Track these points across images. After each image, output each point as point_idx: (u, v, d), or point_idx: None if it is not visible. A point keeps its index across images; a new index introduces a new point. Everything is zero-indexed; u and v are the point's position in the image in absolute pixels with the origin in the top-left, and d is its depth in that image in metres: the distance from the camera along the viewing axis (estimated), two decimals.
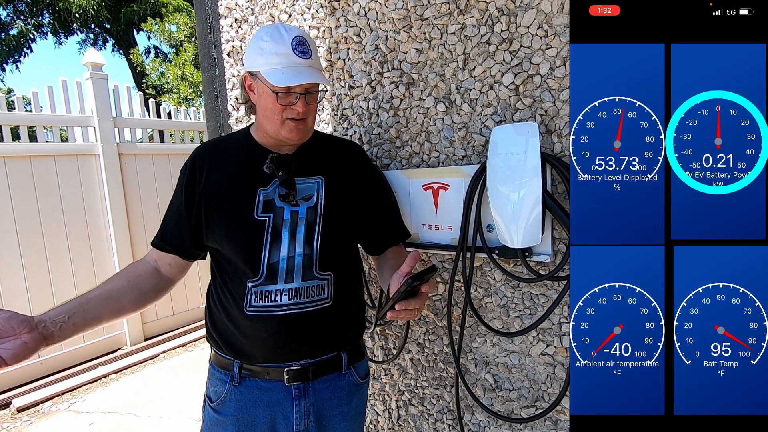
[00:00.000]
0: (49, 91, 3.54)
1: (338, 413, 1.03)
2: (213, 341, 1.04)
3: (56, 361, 3.48)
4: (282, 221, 0.96)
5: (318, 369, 0.99)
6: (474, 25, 1.11)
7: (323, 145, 1.08)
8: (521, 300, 1.15)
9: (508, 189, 1.01)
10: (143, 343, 3.93)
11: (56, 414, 2.98)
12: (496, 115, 1.12)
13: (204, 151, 1.04)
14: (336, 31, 1.40)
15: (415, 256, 0.84)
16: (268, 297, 0.95)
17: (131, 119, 4.00)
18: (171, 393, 3.12)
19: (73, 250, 3.59)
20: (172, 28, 8.38)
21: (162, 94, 8.41)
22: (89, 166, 3.70)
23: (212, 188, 0.99)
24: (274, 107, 0.94)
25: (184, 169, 1.04)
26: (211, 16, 1.81)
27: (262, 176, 0.98)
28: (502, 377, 1.22)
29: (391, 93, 1.31)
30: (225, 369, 1.00)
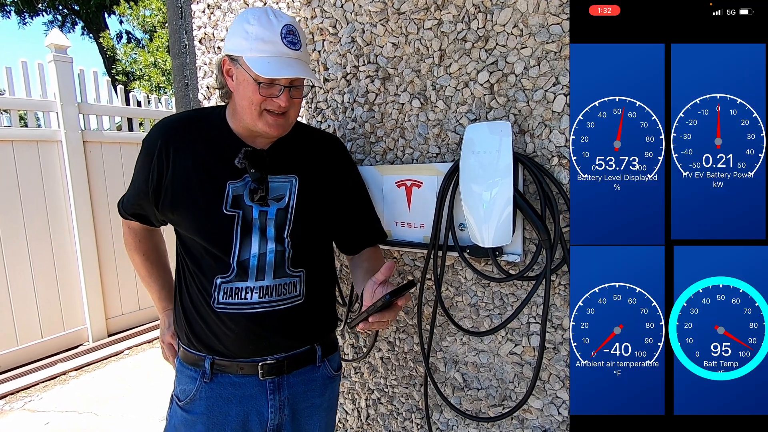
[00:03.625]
0: (8, 73, 3.34)
1: (312, 405, 1.01)
2: (182, 335, 0.99)
3: (11, 357, 3.31)
4: (251, 218, 0.92)
5: (293, 362, 0.97)
6: (451, 21, 1.10)
7: (301, 140, 1.03)
8: (491, 299, 1.15)
9: (481, 188, 1.00)
10: (106, 339, 3.78)
11: (9, 413, 2.83)
12: (470, 113, 1.11)
13: (173, 131, 0.96)
14: (312, 22, 1.36)
15: (391, 266, 0.83)
16: (237, 294, 0.91)
17: (97, 105, 3.83)
18: (134, 391, 3.01)
19: (31, 242, 3.41)
20: (146, 12, 8.08)
21: (133, 81, 8.10)
22: (51, 154, 3.52)
23: (180, 176, 0.93)
24: (253, 97, 0.87)
25: (152, 148, 0.95)
26: (182, 1, 1.73)
27: (233, 168, 0.92)
28: (471, 376, 1.22)
29: (367, 87, 1.28)
30: (195, 365, 0.96)
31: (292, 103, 0.90)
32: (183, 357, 1.00)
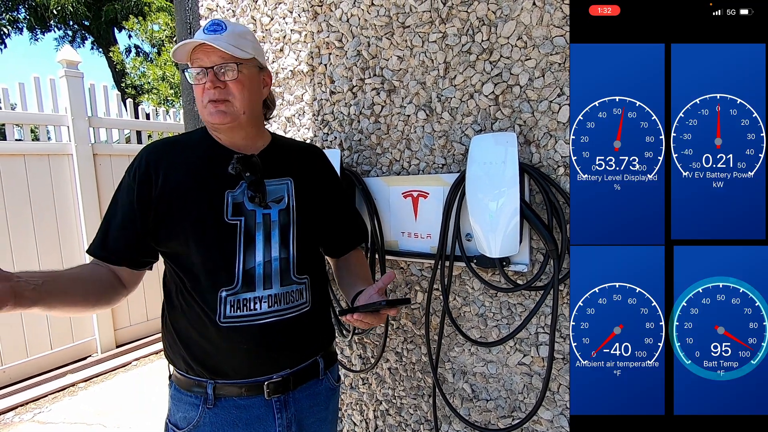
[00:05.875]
0: (21, 88, 3.41)
1: (318, 419, 1.00)
2: (178, 361, 0.95)
3: (20, 369, 3.32)
4: (254, 224, 0.92)
5: (298, 378, 0.96)
6: (455, 34, 1.12)
7: (286, 148, 1.05)
8: (499, 309, 1.15)
9: (487, 198, 1.01)
10: (115, 350, 3.80)
11: (19, 425, 2.84)
12: (476, 125, 1.12)
13: (157, 151, 0.95)
14: (318, 36, 1.38)
15: (391, 276, 0.87)
16: (245, 306, 0.90)
17: (107, 119, 3.89)
18: (142, 403, 3.01)
19: (42, 254, 3.45)
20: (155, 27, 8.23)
21: (142, 95, 8.23)
22: (62, 167, 3.57)
23: (173, 189, 0.91)
24: (195, 90, 0.92)
25: (133, 171, 0.93)
26: (191, 17, 1.77)
27: (228, 177, 0.92)
28: (480, 387, 1.22)
29: (372, 99, 1.30)
30: (194, 391, 0.92)
31: (227, 88, 0.90)
32: (180, 383, 0.95)
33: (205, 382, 0.92)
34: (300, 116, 1.51)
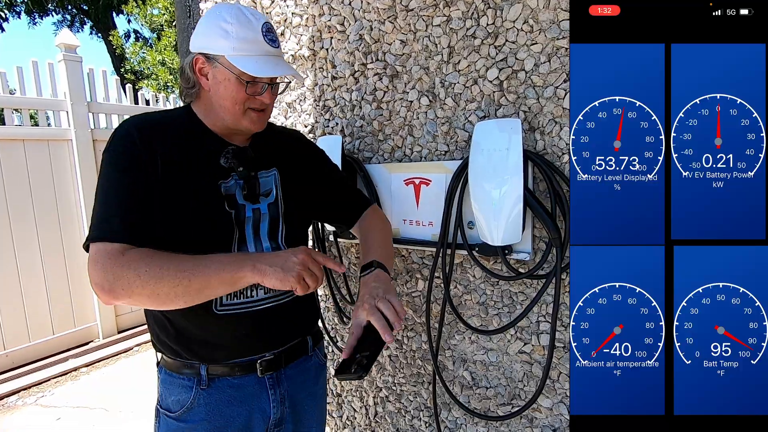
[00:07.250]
0: (19, 72, 3.38)
1: (309, 394, 1.04)
2: (168, 348, 0.94)
3: (23, 353, 3.35)
4: (244, 218, 0.92)
5: (289, 355, 0.99)
6: (460, 17, 1.09)
7: (271, 134, 1.04)
8: (500, 298, 1.15)
9: (490, 186, 1.00)
10: (116, 336, 3.82)
11: (22, 408, 2.87)
12: (479, 111, 1.10)
13: (145, 126, 0.87)
14: (319, 20, 1.36)
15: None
16: (242, 293, 0.90)
17: (107, 104, 3.86)
18: (144, 387, 3.04)
19: (42, 239, 3.45)
20: (154, 11, 8.13)
21: (141, 80, 8.16)
22: (61, 152, 3.55)
23: (170, 175, 0.85)
24: (237, 96, 0.87)
25: (127, 142, 0.84)
26: (190, 0, 1.74)
27: (220, 167, 0.91)
28: (480, 375, 1.22)
29: (375, 85, 1.28)
30: (187, 374, 0.93)
31: (272, 100, 0.94)
32: (171, 367, 0.95)
33: (197, 364, 0.92)
34: (301, 102, 1.49)
